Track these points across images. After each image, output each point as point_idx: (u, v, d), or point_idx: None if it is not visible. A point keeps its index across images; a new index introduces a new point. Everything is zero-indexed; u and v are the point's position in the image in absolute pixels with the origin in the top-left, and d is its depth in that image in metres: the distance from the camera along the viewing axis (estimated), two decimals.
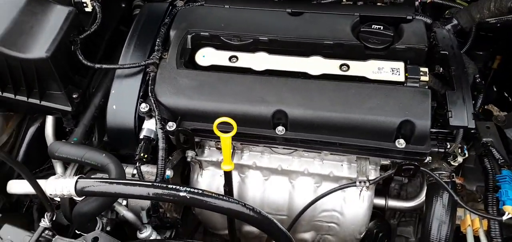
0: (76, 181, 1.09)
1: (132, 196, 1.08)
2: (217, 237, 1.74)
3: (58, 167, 1.62)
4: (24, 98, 1.45)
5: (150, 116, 1.36)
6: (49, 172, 1.74)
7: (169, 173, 1.36)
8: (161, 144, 1.30)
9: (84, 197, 1.16)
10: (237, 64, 1.41)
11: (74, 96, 1.46)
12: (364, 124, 1.26)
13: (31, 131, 1.66)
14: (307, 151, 1.43)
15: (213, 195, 1.14)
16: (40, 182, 1.16)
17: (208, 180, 1.54)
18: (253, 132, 1.34)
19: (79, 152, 1.27)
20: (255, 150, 1.49)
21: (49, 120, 1.59)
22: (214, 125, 1.21)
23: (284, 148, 1.43)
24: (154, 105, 1.32)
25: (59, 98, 1.45)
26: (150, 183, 1.09)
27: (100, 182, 1.09)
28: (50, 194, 1.11)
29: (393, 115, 1.24)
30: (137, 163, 1.31)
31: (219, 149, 1.49)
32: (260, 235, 1.63)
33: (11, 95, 1.44)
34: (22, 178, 1.24)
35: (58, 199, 1.52)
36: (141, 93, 1.38)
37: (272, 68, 1.38)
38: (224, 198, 1.13)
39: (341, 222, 1.50)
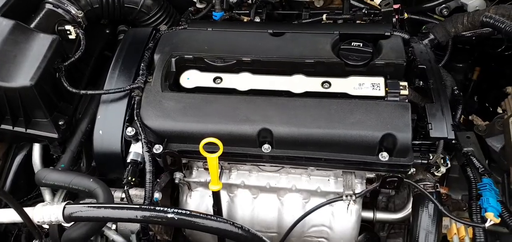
0: (64, 207, 1.09)
1: (120, 219, 1.09)
2: None
3: (47, 194, 1.61)
4: (10, 127, 1.45)
5: (137, 140, 1.37)
6: (37, 200, 1.72)
7: (157, 195, 1.37)
8: (148, 167, 1.31)
9: (72, 223, 1.16)
10: (222, 85, 1.43)
11: (60, 123, 1.46)
12: (347, 138, 1.28)
13: (18, 159, 1.66)
14: (294, 167, 1.45)
15: (201, 215, 1.15)
16: (27, 210, 1.15)
17: (198, 201, 1.54)
18: (240, 151, 1.36)
19: (66, 178, 1.27)
20: (243, 169, 1.50)
21: (36, 148, 1.59)
22: (200, 146, 1.22)
23: (271, 166, 1.45)
24: (140, 129, 1.34)
25: (45, 126, 1.46)
26: (138, 206, 1.10)
27: (88, 207, 1.09)
28: (38, 221, 1.11)
29: (375, 130, 1.27)
30: (125, 187, 1.31)
31: (207, 169, 1.50)
32: None
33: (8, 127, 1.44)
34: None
35: (47, 226, 1.53)
36: (127, 118, 1.39)
37: (256, 88, 1.41)
38: (212, 217, 1.14)
39: (330, 237, 1.51)
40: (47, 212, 1.10)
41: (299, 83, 1.40)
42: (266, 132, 1.31)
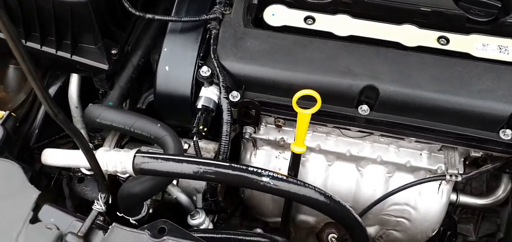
0: (134, 156, 0.86)
1: (204, 178, 0.88)
2: (259, 223, 1.56)
3: (84, 135, 1.39)
4: (52, 51, 1.20)
5: (211, 83, 1.13)
6: (70, 139, 1.51)
7: None
8: (225, 116, 1.08)
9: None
10: (314, 26, 1.18)
11: (112, 52, 1.21)
12: (470, 108, 1.06)
13: (52, 91, 1.42)
14: (384, 135, 1.23)
15: (300, 182, 0.94)
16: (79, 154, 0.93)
17: (263, 160, 1.32)
18: (330, 109, 1.13)
19: (127, 119, 1.04)
20: (320, 131, 1.28)
21: (74, 79, 1.35)
22: (294, 99, 0.99)
23: (359, 131, 1.23)
24: (217, 69, 1.10)
25: (94, 54, 1.21)
26: (228, 164, 0.88)
27: (165, 159, 0.87)
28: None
29: (506, 101, 1.05)
30: (195, 137, 1.09)
31: (279, 126, 1.28)
32: (316, 225, 1.44)
33: (37, 46, 1.20)
34: (58, 147, 1.01)
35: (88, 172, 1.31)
36: (201, 54, 1.15)
37: (357, 35, 1.16)
38: (314, 188, 0.94)
39: (413, 218, 1.32)
40: (112, 159, 0.88)
41: (410, 35, 1.16)
42: (370, 90, 1.08)
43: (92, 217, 0.80)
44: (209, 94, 1.14)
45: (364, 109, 1.12)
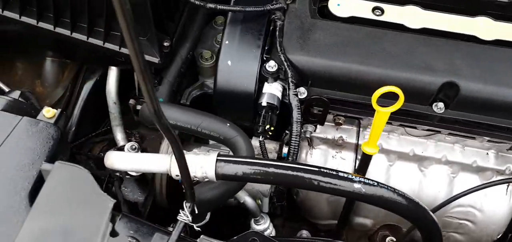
0: (217, 160, 0.78)
1: (290, 184, 0.80)
2: (304, 224, 1.49)
3: (119, 133, 1.31)
4: (99, 42, 1.11)
5: (275, 78, 1.05)
6: (106, 137, 1.42)
7: (286, 151, 1.08)
8: (295, 115, 1.00)
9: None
10: (384, 18, 1.11)
11: (165, 44, 1.12)
12: None
13: (87, 86, 1.34)
14: (453, 134, 1.16)
15: (389, 188, 0.87)
16: (159, 157, 0.84)
17: (319, 161, 1.25)
18: (402, 106, 1.06)
19: (193, 119, 0.96)
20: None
21: (113, 73, 1.26)
22: (375, 96, 0.92)
23: (428, 129, 1.16)
24: (285, 64, 1.02)
25: (143, 46, 1.12)
26: (317, 169, 0.80)
27: (249, 163, 0.79)
28: (176, 175, 0.80)
29: None
30: (261, 137, 1.01)
31: (339, 124, 1.21)
32: (372, 227, 1.37)
33: (83, 37, 1.11)
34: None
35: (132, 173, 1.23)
36: (266, 48, 1.06)
37: (430, 27, 1.09)
38: (404, 195, 0.87)
39: (478, 221, 1.26)
40: (192, 164, 0.79)
41: (486, 28, 1.09)
42: (449, 87, 1.01)
43: (178, 229, 0.72)
44: (273, 90, 1.06)
45: (439, 107, 1.05)
